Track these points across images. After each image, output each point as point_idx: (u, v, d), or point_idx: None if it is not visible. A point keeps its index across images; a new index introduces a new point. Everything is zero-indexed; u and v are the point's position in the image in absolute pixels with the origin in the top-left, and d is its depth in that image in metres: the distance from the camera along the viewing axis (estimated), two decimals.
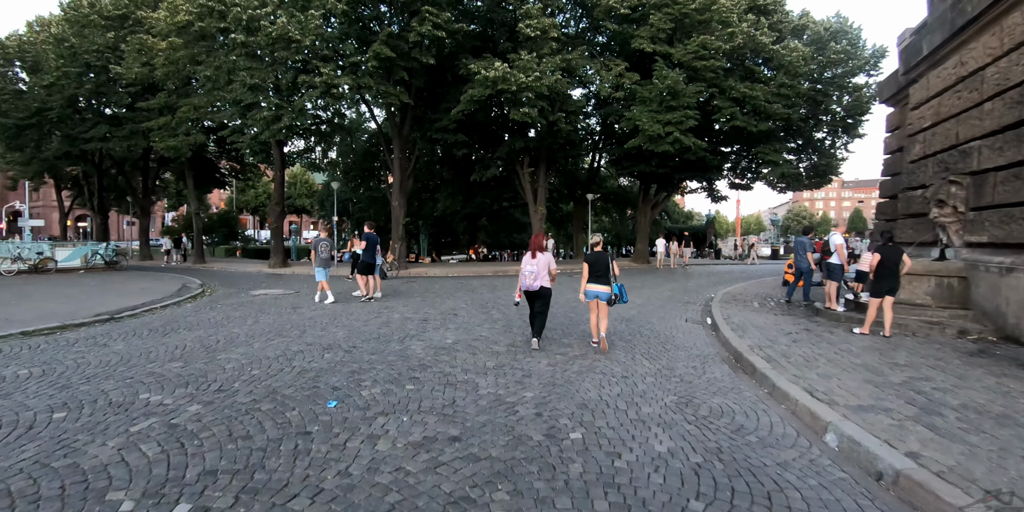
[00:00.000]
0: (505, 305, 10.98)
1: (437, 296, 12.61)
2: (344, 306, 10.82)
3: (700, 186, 33.42)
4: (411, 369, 5.77)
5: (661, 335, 8.19)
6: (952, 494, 3.16)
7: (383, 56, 16.60)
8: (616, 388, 5.27)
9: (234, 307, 11.00)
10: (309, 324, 8.64)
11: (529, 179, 24.48)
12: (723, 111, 21.10)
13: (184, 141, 23.84)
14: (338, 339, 7.34)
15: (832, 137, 27.76)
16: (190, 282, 16.91)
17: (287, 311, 10.21)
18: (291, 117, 17.71)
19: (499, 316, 9.50)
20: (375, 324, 8.58)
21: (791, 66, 21.49)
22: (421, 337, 7.50)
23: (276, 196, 25.52)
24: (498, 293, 13.31)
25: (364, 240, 12.15)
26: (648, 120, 19.67)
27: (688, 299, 12.95)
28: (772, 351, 6.78)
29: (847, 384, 5.36)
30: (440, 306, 10.71)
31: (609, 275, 6.85)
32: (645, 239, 29.74)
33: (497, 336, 7.68)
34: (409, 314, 9.61)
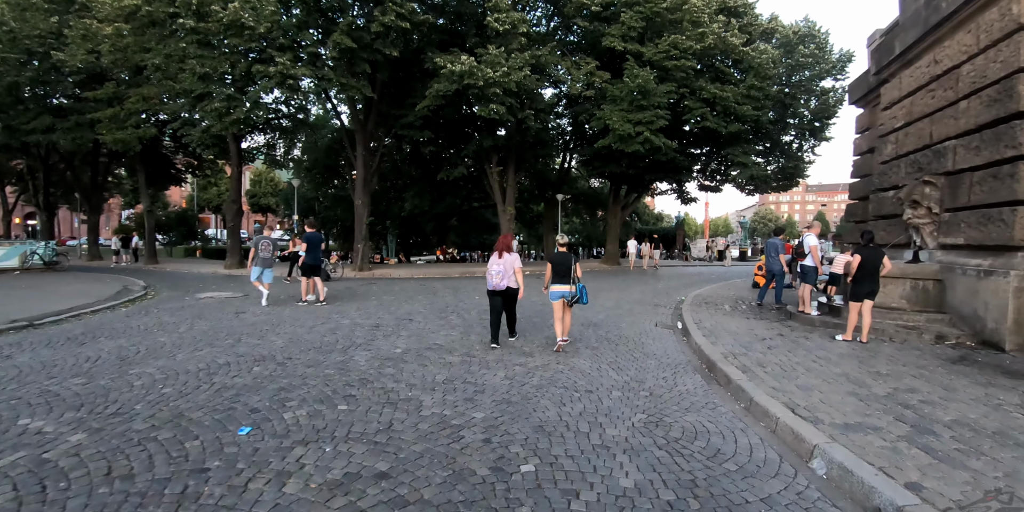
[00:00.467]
0: (466, 309, 10.35)
1: (395, 299, 11.89)
2: (293, 311, 10.03)
3: (670, 188, 33.39)
4: (349, 385, 5.09)
5: (630, 341, 7.68)
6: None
7: (344, 46, 15.79)
8: (579, 405, 4.69)
9: (172, 312, 10.09)
10: (248, 331, 7.85)
11: (498, 178, 23.90)
12: (693, 112, 20.89)
13: (133, 134, 22.49)
14: (274, 349, 6.60)
15: (799, 140, 27.97)
16: (133, 284, 15.78)
17: (228, 317, 9.37)
18: (245, 109, 16.72)
19: (458, 321, 8.86)
20: (320, 331, 7.84)
21: (761, 68, 21.43)
22: (368, 346, 6.81)
23: (233, 193, 24.38)
24: (460, 296, 12.66)
25: (305, 240, 11.32)
26: (619, 119, 19.29)
27: (658, 302, 12.53)
28: (747, 359, 6.31)
29: (830, 397, 4.90)
30: (396, 310, 10.00)
31: (572, 275, 6.85)
32: (616, 240, 29.47)
33: (452, 344, 7.03)
34: (360, 320, 8.88)
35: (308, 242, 11.21)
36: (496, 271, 7.03)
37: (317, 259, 11.38)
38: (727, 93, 20.57)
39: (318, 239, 11.43)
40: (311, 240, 11.22)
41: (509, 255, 7.14)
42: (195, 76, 16.42)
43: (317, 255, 11.37)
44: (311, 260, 11.21)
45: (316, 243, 11.32)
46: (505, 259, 7.08)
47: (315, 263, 11.31)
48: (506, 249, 7.18)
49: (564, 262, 6.90)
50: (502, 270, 7.03)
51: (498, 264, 7.06)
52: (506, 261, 7.07)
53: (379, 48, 16.85)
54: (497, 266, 7.05)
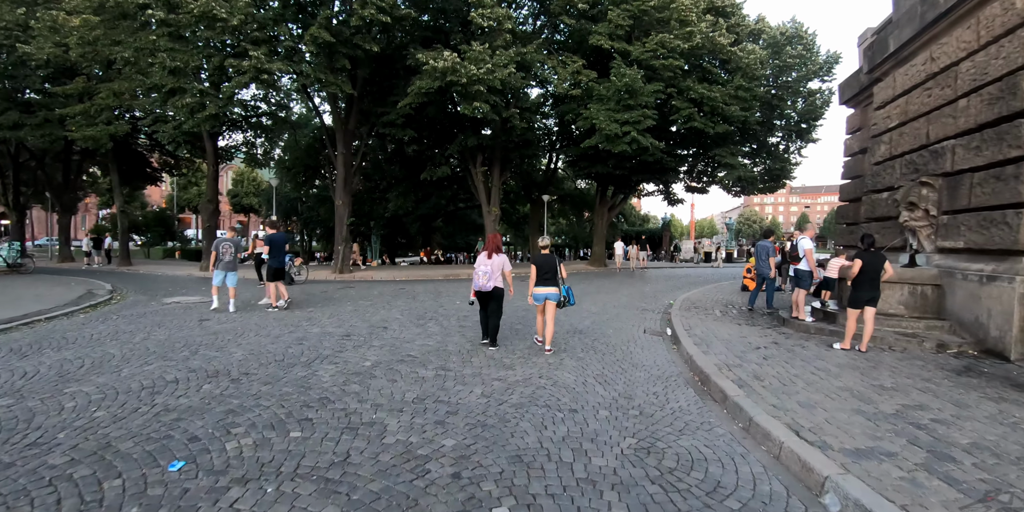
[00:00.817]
0: (446, 315, 9.85)
1: (372, 305, 11.34)
2: (261, 318, 9.44)
3: (657, 189, 33.14)
4: (307, 406, 4.57)
5: (617, 350, 7.24)
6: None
7: (322, 41, 15.21)
8: (562, 428, 4.23)
9: (132, 319, 9.46)
10: (207, 342, 7.28)
11: (483, 179, 23.41)
12: (681, 112, 20.58)
13: (104, 130, 21.64)
14: (231, 363, 6.05)
15: (786, 141, 27.87)
16: (99, 288, 15.05)
17: (191, 324, 8.78)
18: (218, 105, 16.05)
19: (435, 329, 8.36)
20: (286, 341, 7.30)
21: (748, 68, 21.19)
22: (335, 359, 6.28)
23: (209, 193, 23.62)
24: (441, 301, 12.14)
25: (267, 242, 10.66)
26: (605, 119, 18.91)
27: (646, 306, 12.13)
28: (742, 371, 5.90)
29: (836, 416, 4.50)
30: (371, 317, 9.46)
31: (557, 277, 6.89)
32: (602, 242, 29.13)
33: (428, 356, 6.53)
34: (332, 328, 8.34)
35: (271, 244, 10.56)
36: (483, 272, 6.97)
37: (282, 262, 10.79)
38: (715, 93, 20.28)
39: (282, 240, 10.81)
40: (274, 242, 10.58)
41: (498, 256, 7.10)
42: (165, 70, 15.72)
43: (282, 258, 10.78)
44: (275, 263, 10.61)
45: (279, 245, 10.71)
46: (494, 260, 7.03)
47: (280, 266, 10.72)
48: (495, 250, 7.15)
49: (548, 264, 6.89)
50: (489, 271, 6.97)
51: (486, 265, 7.00)
52: (494, 262, 7.03)
53: (359, 43, 16.29)
54: (484, 266, 6.99)
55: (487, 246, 7.29)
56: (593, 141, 19.98)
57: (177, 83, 16.08)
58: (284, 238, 10.98)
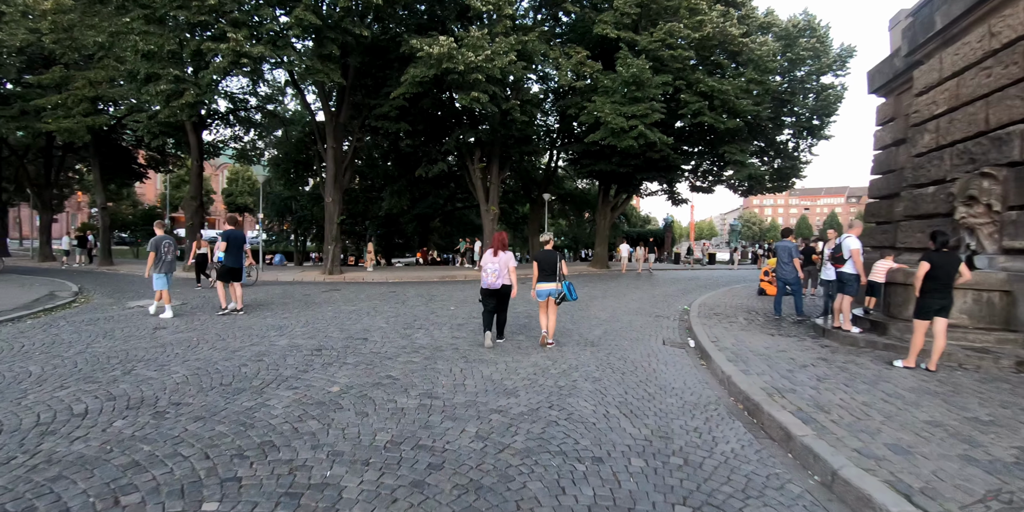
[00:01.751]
0: (437, 323, 8.71)
1: (355, 310, 10.17)
2: (224, 327, 8.28)
3: (661, 188, 31.96)
4: (240, 456, 3.42)
5: (638, 368, 6.11)
6: None
7: (307, 23, 14.07)
8: (586, 490, 3.10)
9: (80, 326, 8.32)
10: (150, 356, 6.14)
11: (481, 176, 22.28)
12: (690, 106, 19.46)
13: (82, 123, 20.44)
14: (165, 387, 4.90)
15: (796, 139, 26.79)
16: (65, 289, 13.93)
17: (142, 333, 7.63)
18: (196, 93, 14.88)
19: (424, 341, 7.21)
20: (243, 357, 6.14)
21: (761, 61, 20.13)
22: (297, 381, 5.13)
23: (192, 189, 22.42)
24: (433, 305, 10.99)
25: (225, 239, 9.61)
26: (611, 112, 17.81)
27: (659, 312, 11.01)
28: (798, 398, 4.78)
29: (944, 468, 3.38)
30: (351, 326, 8.31)
31: (557, 273, 6.94)
32: (605, 243, 28.02)
33: (412, 377, 5.38)
34: (302, 339, 7.18)
35: (228, 241, 9.51)
36: (492, 270, 6.96)
37: (239, 262, 9.71)
38: (726, 86, 19.20)
39: (240, 238, 9.76)
40: (231, 239, 9.54)
41: (504, 253, 7.09)
42: (138, 54, 14.55)
43: (239, 257, 9.72)
44: (231, 262, 9.55)
45: (237, 243, 9.66)
46: (500, 257, 7.02)
47: (236, 266, 9.65)
48: (501, 247, 7.12)
49: (550, 260, 6.97)
50: (498, 269, 6.97)
51: (493, 262, 6.99)
52: (501, 259, 7.01)
53: (349, 28, 15.16)
54: (493, 264, 6.99)
55: (493, 244, 7.22)
56: (597, 136, 18.88)
57: (151, 68, 14.92)
58: (242, 236, 9.89)
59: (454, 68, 14.88)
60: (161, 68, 14.86)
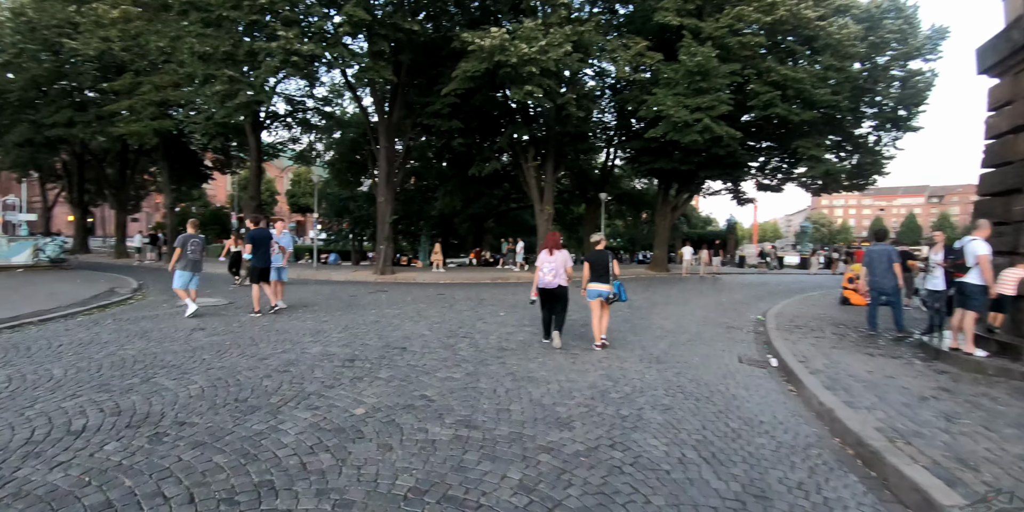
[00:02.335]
0: (484, 332, 8.01)
1: (399, 314, 9.61)
2: (261, 331, 7.90)
3: (724, 187, 30.25)
4: (230, 502, 2.79)
5: (714, 393, 5.18)
6: None
7: (357, 19, 13.77)
8: None
9: (124, 324, 8.18)
10: (176, 362, 5.75)
11: (535, 175, 21.54)
12: (760, 97, 18.03)
13: (148, 125, 21.15)
14: (177, 400, 4.41)
15: (878, 132, 24.54)
16: (126, 285, 14.22)
17: (179, 334, 7.35)
18: (250, 93, 14.90)
19: (468, 354, 6.51)
20: (270, 366, 5.63)
21: (839, 46, 18.43)
22: (318, 400, 4.52)
23: (251, 189, 22.87)
24: (482, 310, 10.32)
25: (249, 240, 9.27)
26: (674, 105, 16.68)
27: (730, 322, 9.92)
28: (929, 446, 3.76)
29: None
30: (391, 333, 7.72)
31: (609, 274, 6.86)
32: (664, 244, 26.66)
33: (448, 399, 4.67)
34: (336, 347, 6.64)
35: (252, 242, 9.19)
36: (548, 269, 6.93)
37: (267, 261, 9.36)
38: (801, 75, 17.65)
39: (264, 237, 9.39)
40: (256, 239, 9.21)
41: (559, 252, 7.02)
42: (194, 56, 14.70)
43: (267, 256, 9.36)
44: (259, 263, 9.23)
45: (264, 242, 9.32)
46: (556, 256, 6.98)
47: (265, 266, 9.33)
48: (555, 246, 7.06)
49: (601, 261, 6.90)
50: (554, 267, 6.92)
51: (549, 262, 6.95)
52: (556, 259, 6.96)
53: (398, 23, 14.79)
54: (549, 264, 6.95)
55: (546, 243, 7.15)
56: (659, 131, 17.76)
57: (207, 70, 15.06)
58: (267, 235, 9.55)
59: (506, 61, 14.23)
60: (216, 70, 14.97)
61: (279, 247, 9.82)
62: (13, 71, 23.89)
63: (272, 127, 26.36)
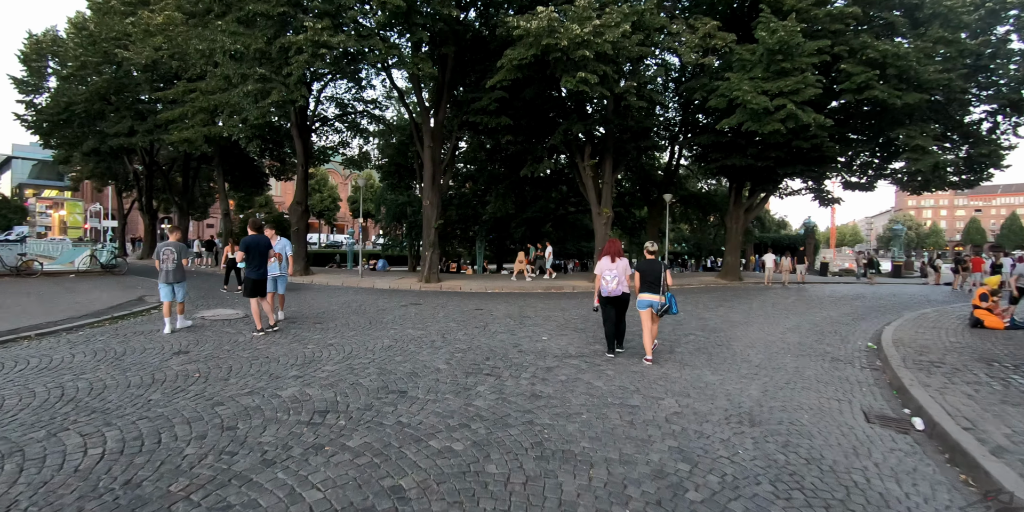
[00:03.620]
0: (517, 365, 6.32)
1: (419, 338, 7.95)
2: (247, 353, 6.63)
3: (804, 186, 27.29)
4: None
5: (851, 491, 3.33)
6: None
7: (392, 7, 12.56)
8: None
9: (116, 341, 7.27)
10: (120, 401, 4.59)
11: (592, 174, 19.70)
12: (853, 78, 15.45)
13: (198, 132, 21.02)
14: (52, 478, 3.06)
15: (994, 117, 21.04)
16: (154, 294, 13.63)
17: (156, 358, 6.23)
18: (282, 92, 14.00)
19: (488, 401, 4.85)
20: (219, 417, 4.23)
21: (951, 13, 15.60)
22: (244, 486, 3.02)
23: (298, 194, 22.26)
24: (522, 332, 8.63)
25: (244, 248, 8.01)
26: (751, 89, 14.48)
27: (832, 350, 7.83)
28: None
29: None
30: (399, 365, 6.13)
31: (661, 284, 6.66)
32: (736, 250, 24.11)
33: (430, 498, 3.06)
34: (318, 387, 5.11)
35: (247, 250, 7.95)
36: (612, 276, 6.79)
37: (263, 273, 8.11)
38: (904, 50, 15.00)
39: (261, 245, 8.15)
40: (252, 247, 7.97)
41: (621, 259, 6.89)
42: (226, 55, 13.96)
43: (263, 268, 8.12)
44: (254, 274, 7.99)
45: (261, 251, 8.08)
46: (618, 264, 6.84)
47: (260, 278, 8.06)
48: (617, 253, 6.92)
49: (653, 270, 6.75)
50: (617, 275, 6.79)
51: (612, 269, 6.82)
52: (619, 266, 6.83)
53: (438, 9, 13.48)
54: (611, 271, 6.81)
55: (607, 250, 6.97)
56: (733, 120, 15.56)
57: (240, 69, 14.31)
58: (263, 242, 8.24)
59: (556, 44, 12.60)
60: (248, 68, 14.20)
61: (276, 255, 8.68)
62: (77, 83, 24.65)
63: (322, 131, 25.92)
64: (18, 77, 26.86)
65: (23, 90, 26.87)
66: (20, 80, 26.79)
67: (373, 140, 27.42)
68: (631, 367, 6.30)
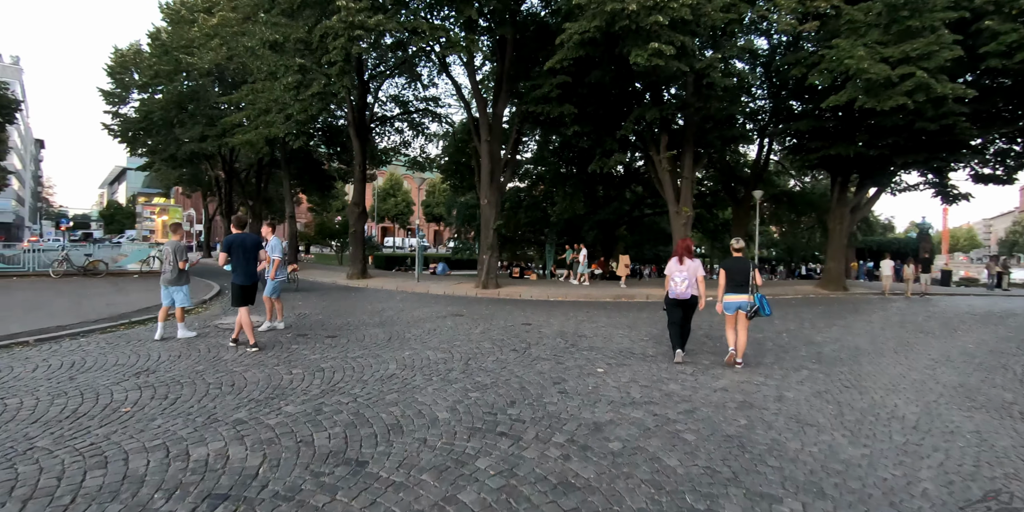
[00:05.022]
0: (550, 418, 4.37)
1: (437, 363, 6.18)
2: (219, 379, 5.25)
3: (923, 180, 23.28)
4: None
5: None
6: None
7: None
8: None
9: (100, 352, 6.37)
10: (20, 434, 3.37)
11: (669, 168, 17.39)
12: (1002, 38, 12.27)
13: (258, 134, 20.73)
14: None
15: None
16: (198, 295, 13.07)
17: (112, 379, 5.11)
18: (324, 82, 12.95)
19: (482, 493, 3.05)
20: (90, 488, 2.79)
21: None
22: None
23: (356, 195, 21.52)
24: (571, 360, 6.60)
25: (225, 248, 6.90)
26: (866, 56, 11.77)
27: (1019, 399, 5.39)
28: None
29: None
30: (387, 407, 4.39)
31: (750, 283, 6.31)
32: (840, 255, 20.78)
33: None
34: (255, 443, 3.50)
35: (228, 249, 6.88)
36: (680, 278, 6.48)
37: (250, 276, 6.98)
38: None
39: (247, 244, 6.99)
40: (235, 246, 6.88)
41: (691, 261, 6.54)
42: (264, 45, 13.12)
43: (250, 270, 7.00)
44: (239, 279, 6.91)
45: (242, 249, 6.92)
46: (687, 265, 6.51)
47: (246, 284, 6.94)
48: (687, 254, 6.58)
49: (741, 269, 6.38)
50: (686, 276, 6.46)
51: (681, 271, 6.51)
52: (688, 267, 6.49)
53: None
54: (680, 273, 6.50)
55: (677, 250, 6.75)
56: (842, 97, 12.85)
57: (281, 61, 13.44)
58: (252, 241, 7.05)
59: (623, 10, 10.65)
60: (288, 60, 13.29)
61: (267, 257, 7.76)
62: (152, 92, 25.42)
63: (383, 131, 25.23)
64: (106, 89, 28.19)
65: (110, 101, 28.13)
66: (108, 92, 28.09)
67: (436, 140, 26.45)
68: (721, 425, 4.28)
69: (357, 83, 19.13)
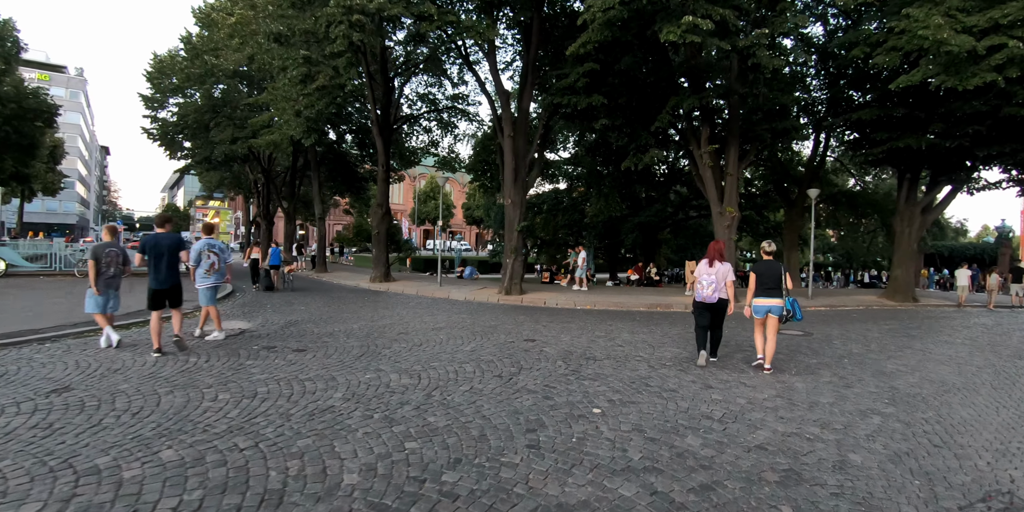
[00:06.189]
0: (503, 489, 3.25)
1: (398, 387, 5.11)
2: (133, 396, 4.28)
3: (1007, 177, 20.49)
4: None
5: None
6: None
7: None
8: None
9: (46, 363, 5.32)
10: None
11: (711, 164, 15.68)
12: None
13: (281, 134, 20.29)
14: None
15: None
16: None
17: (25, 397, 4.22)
18: (330, 75, 12.08)
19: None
20: None
21: None
22: None
23: (379, 196, 20.76)
24: (561, 396, 5.16)
25: (142, 248, 6.39)
26: (945, 25, 9.94)
27: None
28: None
29: None
30: (289, 459, 3.25)
31: (781, 287, 6.20)
32: (909, 262, 18.50)
33: None
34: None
35: (145, 250, 6.37)
36: (708, 281, 6.38)
37: (168, 279, 6.47)
38: None
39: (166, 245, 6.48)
40: (151, 246, 6.37)
41: (721, 264, 6.43)
42: (270, 38, 12.39)
43: (169, 273, 6.47)
44: (155, 282, 6.44)
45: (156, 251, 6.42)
46: (717, 268, 6.40)
47: (162, 287, 6.44)
48: (718, 257, 6.46)
49: (772, 272, 6.26)
50: (714, 280, 6.37)
51: (709, 274, 6.41)
52: (718, 270, 6.39)
53: None
54: (709, 276, 6.41)
55: (708, 253, 6.49)
56: (916, 76, 10.99)
57: (287, 55, 12.69)
58: (172, 241, 6.44)
59: None
60: (294, 53, 12.53)
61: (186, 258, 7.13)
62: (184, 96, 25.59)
63: (409, 130, 24.52)
64: (146, 94, 28.67)
65: (149, 106, 28.57)
66: (147, 97, 28.55)
67: (467, 139, 25.60)
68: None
69: (381, 80, 18.38)
